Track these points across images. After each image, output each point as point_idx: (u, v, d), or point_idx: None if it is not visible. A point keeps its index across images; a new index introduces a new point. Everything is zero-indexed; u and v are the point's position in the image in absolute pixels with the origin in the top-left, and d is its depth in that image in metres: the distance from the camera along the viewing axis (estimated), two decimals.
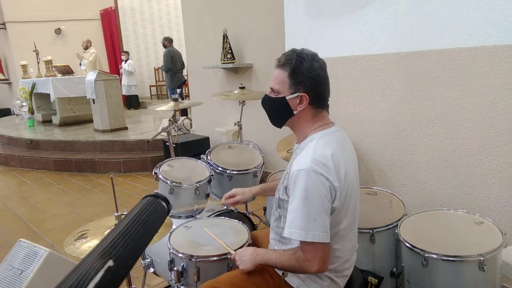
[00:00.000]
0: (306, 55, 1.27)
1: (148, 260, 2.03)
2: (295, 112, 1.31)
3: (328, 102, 1.36)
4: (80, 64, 8.35)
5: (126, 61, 9.30)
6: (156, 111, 8.47)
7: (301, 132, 1.36)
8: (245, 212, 2.41)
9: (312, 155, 1.22)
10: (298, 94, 1.27)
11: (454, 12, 1.95)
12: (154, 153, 5.39)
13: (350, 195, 1.27)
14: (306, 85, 1.26)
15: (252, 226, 2.28)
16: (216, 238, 1.65)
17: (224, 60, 4.42)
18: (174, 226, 1.83)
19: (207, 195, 2.18)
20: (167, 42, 7.25)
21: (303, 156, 1.24)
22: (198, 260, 1.59)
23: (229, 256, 1.55)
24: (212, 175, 2.21)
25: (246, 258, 1.36)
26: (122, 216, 1.51)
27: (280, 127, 1.41)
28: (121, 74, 9.29)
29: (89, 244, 1.46)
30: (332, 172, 1.20)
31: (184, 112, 6.90)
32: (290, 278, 1.33)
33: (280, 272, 1.35)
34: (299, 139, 1.38)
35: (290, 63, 1.27)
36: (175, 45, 7.57)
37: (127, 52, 9.44)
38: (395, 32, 2.19)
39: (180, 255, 1.62)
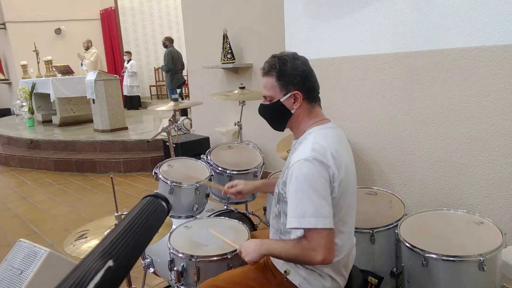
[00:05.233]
0: (287, 56, 1.33)
1: (148, 260, 2.03)
2: (292, 111, 1.36)
3: (319, 96, 1.40)
4: (82, 65, 8.33)
5: (128, 61, 9.28)
6: (156, 111, 8.47)
7: (299, 129, 1.40)
8: (245, 212, 2.41)
9: (312, 145, 1.25)
10: (290, 93, 1.33)
11: (454, 12, 1.95)
12: (154, 153, 5.39)
13: (348, 186, 1.30)
14: (295, 83, 1.32)
15: (252, 226, 2.28)
16: (222, 237, 1.66)
17: (224, 60, 4.42)
18: (174, 226, 1.83)
19: (207, 195, 2.18)
20: (168, 42, 7.24)
21: (303, 147, 1.28)
22: (198, 260, 1.60)
23: (237, 251, 1.54)
24: (212, 175, 2.21)
25: (251, 249, 1.36)
26: (122, 216, 1.51)
27: (283, 130, 1.46)
28: (123, 73, 9.27)
29: (89, 244, 1.46)
30: (331, 161, 1.23)
31: (184, 112, 6.90)
32: (292, 276, 1.33)
33: (282, 270, 1.35)
34: (297, 135, 1.41)
35: (275, 68, 1.32)
36: (175, 45, 7.57)
37: (129, 52, 9.40)
38: (395, 32, 2.19)
39: (180, 255, 1.62)
